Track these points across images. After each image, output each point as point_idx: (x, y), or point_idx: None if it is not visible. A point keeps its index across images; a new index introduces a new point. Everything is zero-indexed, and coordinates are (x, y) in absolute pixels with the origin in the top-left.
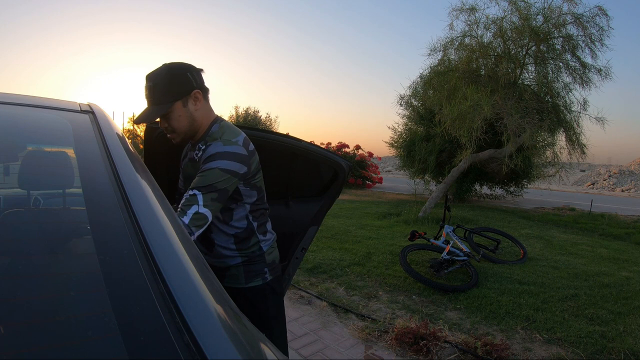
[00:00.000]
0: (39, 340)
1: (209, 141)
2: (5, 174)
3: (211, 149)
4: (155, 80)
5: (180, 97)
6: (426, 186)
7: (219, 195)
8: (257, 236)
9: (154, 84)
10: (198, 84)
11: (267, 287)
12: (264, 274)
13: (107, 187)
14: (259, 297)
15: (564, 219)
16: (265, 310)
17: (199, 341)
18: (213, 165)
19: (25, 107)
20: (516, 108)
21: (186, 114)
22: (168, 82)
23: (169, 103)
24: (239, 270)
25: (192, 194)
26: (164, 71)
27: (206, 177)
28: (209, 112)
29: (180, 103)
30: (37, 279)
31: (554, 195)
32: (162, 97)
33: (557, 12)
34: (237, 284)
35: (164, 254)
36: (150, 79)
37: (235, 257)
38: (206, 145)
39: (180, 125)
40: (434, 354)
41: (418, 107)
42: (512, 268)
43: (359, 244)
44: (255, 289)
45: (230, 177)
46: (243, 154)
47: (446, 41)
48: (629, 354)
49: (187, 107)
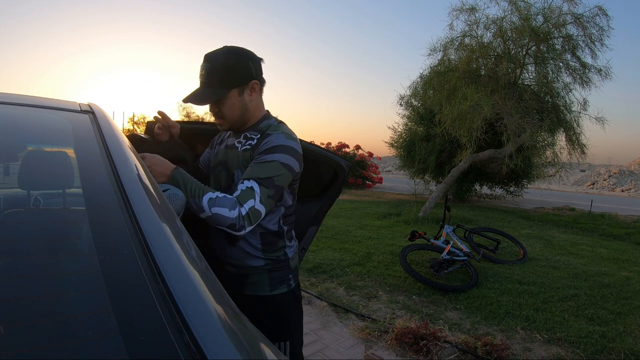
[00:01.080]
0: (39, 340)
1: (267, 131)
2: (5, 174)
3: (273, 140)
4: (213, 62)
5: (237, 86)
6: (426, 186)
7: (275, 192)
8: (284, 240)
9: (212, 67)
10: (257, 74)
11: (291, 294)
12: (289, 280)
13: (107, 187)
14: (283, 305)
15: (564, 219)
16: (288, 317)
17: (199, 341)
18: (275, 157)
19: (25, 107)
20: (516, 108)
21: (240, 103)
22: (227, 67)
23: (225, 89)
24: (262, 277)
25: (250, 186)
26: (223, 55)
27: (265, 168)
28: (262, 105)
29: (237, 91)
30: (37, 279)
31: (554, 195)
32: (219, 82)
33: (557, 12)
34: (260, 292)
35: (164, 254)
36: (208, 60)
37: (258, 259)
38: (262, 134)
39: (231, 113)
40: (434, 354)
41: (418, 107)
42: (512, 268)
43: (359, 244)
44: (279, 297)
45: (288, 174)
46: (300, 152)
47: (446, 41)
48: (629, 354)
49: (243, 96)
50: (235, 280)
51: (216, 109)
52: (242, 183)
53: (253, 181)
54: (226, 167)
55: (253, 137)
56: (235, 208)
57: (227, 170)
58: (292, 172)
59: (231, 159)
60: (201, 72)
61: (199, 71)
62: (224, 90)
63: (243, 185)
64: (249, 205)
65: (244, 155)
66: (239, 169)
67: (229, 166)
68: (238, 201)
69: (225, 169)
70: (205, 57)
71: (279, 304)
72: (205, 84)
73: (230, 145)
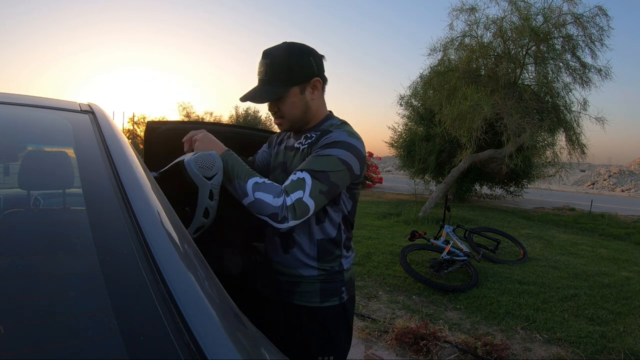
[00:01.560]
0: (39, 340)
1: (329, 128)
2: (5, 174)
3: (334, 136)
4: (273, 58)
5: (299, 83)
6: (426, 186)
7: (329, 189)
8: (341, 250)
9: (272, 63)
10: (319, 71)
11: (341, 308)
12: (341, 293)
13: (107, 187)
14: (332, 318)
15: (564, 219)
16: (336, 332)
17: (199, 341)
18: (333, 152)
19: (25, 107)
20: (516, 108)
21: (301, 101)
22: (288, 63)
23: (285, 87)
24: (314, 286)
25: (301, 177)
26: (284, 50)
27: (321, 161)
28: (324, 105)
29: (298, 89)
30: (37, 279)
31: (554, 195)
32: (279, 79)
33: (557, 12)
34: (310, 303)
35: (164, 254)
36: (267, 56)
37: (311, 268)
38: (322, 132)
39: (292, 112)
40: (434, 354)
41: (418, 107)
42: (512, 268)
43: (359, 244)
44: (329, 309)
45: (346, 172)
46: (363, 154)
47: (446, 41)
48: (629, 354)
49: (304, 94)
50: (285, 289)
51: (275, 108)
52: (294, 174)
53: (306, 172)
54: (285, 169)
55: (312, 136)
56: (280, 196)
57: (286, 172)
58: (351, 173)
59: (293, 161)
60: (260, 68)
61: (257, 68)
62: (284, 88)
63: (295, 176)
64: (296, 197)
65: (302, 155)
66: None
67: (287, 168)
68: (285, 190)
69: (284, 170)
70: (264, 54)
71: (328, 316)
72: (264, 81)
73: (290, 146)
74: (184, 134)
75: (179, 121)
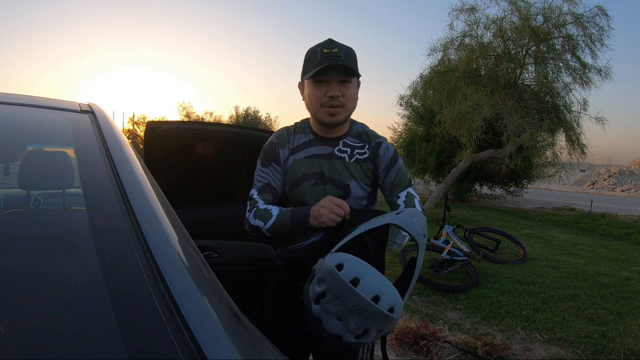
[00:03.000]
0: (39, 340)
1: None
2: (5, 174)
3: (389, 148)
4: (342, 46)
5: (358, 76)
6: (426, 186)
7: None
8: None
9: (344, 49)
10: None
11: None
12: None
13: (107, 187)
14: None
15: (564, 219)
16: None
17: (199, 341)
18: (400, 163)
19: (25, 107)
20: (516, 108)
21: (356, 94)
22: (353, 54)
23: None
24: None
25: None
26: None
27: (404, 175)
28: None
29: (358, 82)
30: (37, 279)
31: (554, 195)
32: (353, 63)
33: (557, 12)
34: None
35: (164, 254)
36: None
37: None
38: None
39: (352, 102)
40: (434, 354)
41: (418, 107)
42: (512, 268)
43: None
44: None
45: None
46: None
47: (446, 41)
48: (629, 354)
49: (358, 89)
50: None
51: (340, 93)
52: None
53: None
54: (324, 179)
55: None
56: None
57: (332, 183)
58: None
59: (337, 171)
60: (331, 49)
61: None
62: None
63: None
64: (417, 202)
65: (360, 167)
66: (354, 180)
67: (334, 178)
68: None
69: (322, 181)
70: (332, 42)
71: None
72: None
73: (326, 154)
74: (184, 134)
75: (179, 121)
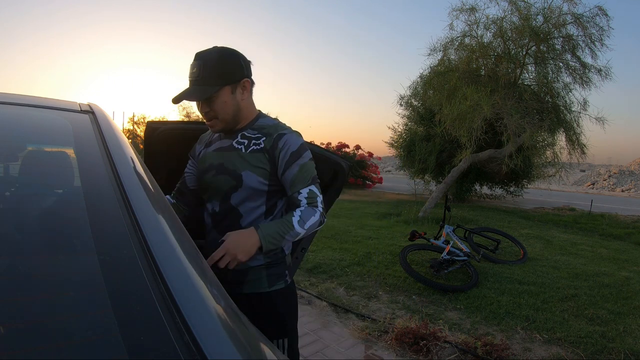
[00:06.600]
0: (39, 340)
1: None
2: (5, 174)
3: (292, 141)
4: (205, 59)
5: (229, 83)
6: (426, 186)
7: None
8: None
9: (204, 64)
10: (248, 73)
11: (289, 289)
12: (285, 276)
13: (107, 187)
14: (281, 300)
15: (564, 219)
16: (287, 312)
17: (199, 341)
18: (306, 158)
19: (25, 107)
20: (516, 108)
21: (232, 101)
22: (219, 64)
23: (216, 86)
24: (260, 274)
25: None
26: (215, 52)
27: (308, 171)
28: (253, 105)
29: (229, 89)
30: (37, 279)
31: (554, 195)
32: (211, 78)
33: (557, 12)
34: (259, 289)
35: (164, 254)
36: (199, 58)
37: (257, 259)
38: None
39: (224, 112)
40: (434, 354)
41: (418, 107)
42: (512, 268)
43: (359, 244)
44: (277, 292)
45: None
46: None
47: (446, 41)
48: (629, 354)
49: (235, 94)
50: (234, 281)
51: (207, 109)
52: (299, 193)
53: (310, 185)
54: (226, 170)
55: (254, 136)
56: (316, 211)
57: (228, 173)
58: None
59: (232, 161)
60: (192, 70)
61: (190, 70)
62: (216, 87)
63: (304, 193)
64: (319, 201)
65: (255, 157)
66: (248, 170)
67: (230, 168)
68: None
69: (225, 172)
70: (197, 55)
71: (277, 299)
72: (197, 81)
73: (227, 147)
74: (183, 135)
75: (179, 121)
